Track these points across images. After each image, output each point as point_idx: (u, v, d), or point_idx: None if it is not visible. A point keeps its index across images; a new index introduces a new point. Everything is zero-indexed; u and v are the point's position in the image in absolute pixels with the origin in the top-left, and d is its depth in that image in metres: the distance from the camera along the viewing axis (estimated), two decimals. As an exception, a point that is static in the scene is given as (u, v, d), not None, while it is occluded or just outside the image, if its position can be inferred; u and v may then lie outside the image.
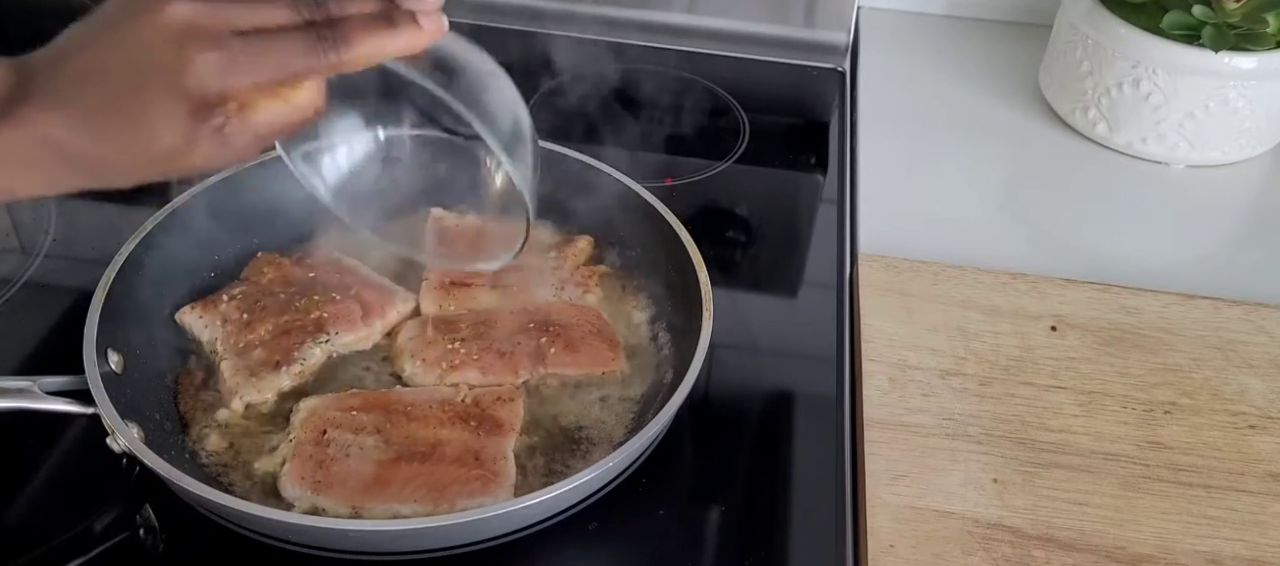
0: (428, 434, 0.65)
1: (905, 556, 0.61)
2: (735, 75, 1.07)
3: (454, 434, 0.65)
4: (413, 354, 0.71)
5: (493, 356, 0.71)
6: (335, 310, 0.73)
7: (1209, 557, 0.62)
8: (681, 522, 0.64)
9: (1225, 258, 0.89)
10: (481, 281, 0.77)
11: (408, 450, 0.64)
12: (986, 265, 0.82)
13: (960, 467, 0.67)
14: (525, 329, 0.73)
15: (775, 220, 0.92)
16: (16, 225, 0.83)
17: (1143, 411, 0.72)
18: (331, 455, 0.64)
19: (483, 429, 0.66)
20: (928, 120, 1.04)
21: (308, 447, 0.64)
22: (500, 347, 0.71)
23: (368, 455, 0.64)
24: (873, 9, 1.19)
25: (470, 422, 0.66)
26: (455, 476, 0.63)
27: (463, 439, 0.65)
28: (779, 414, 0.72)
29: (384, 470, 0.63)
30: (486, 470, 0.63)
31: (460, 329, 0.73)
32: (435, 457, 0.64)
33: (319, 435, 0.65)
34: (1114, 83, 0.96)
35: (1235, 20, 0.88)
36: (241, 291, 0.74)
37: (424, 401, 0.68)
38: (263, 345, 0.71)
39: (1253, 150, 0.98)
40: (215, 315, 0.73)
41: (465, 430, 0.66)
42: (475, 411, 0.67)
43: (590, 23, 1.11)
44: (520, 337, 0.72)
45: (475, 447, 0.65)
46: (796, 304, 0.83)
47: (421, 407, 0.67)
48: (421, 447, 0.65)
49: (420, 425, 0.66)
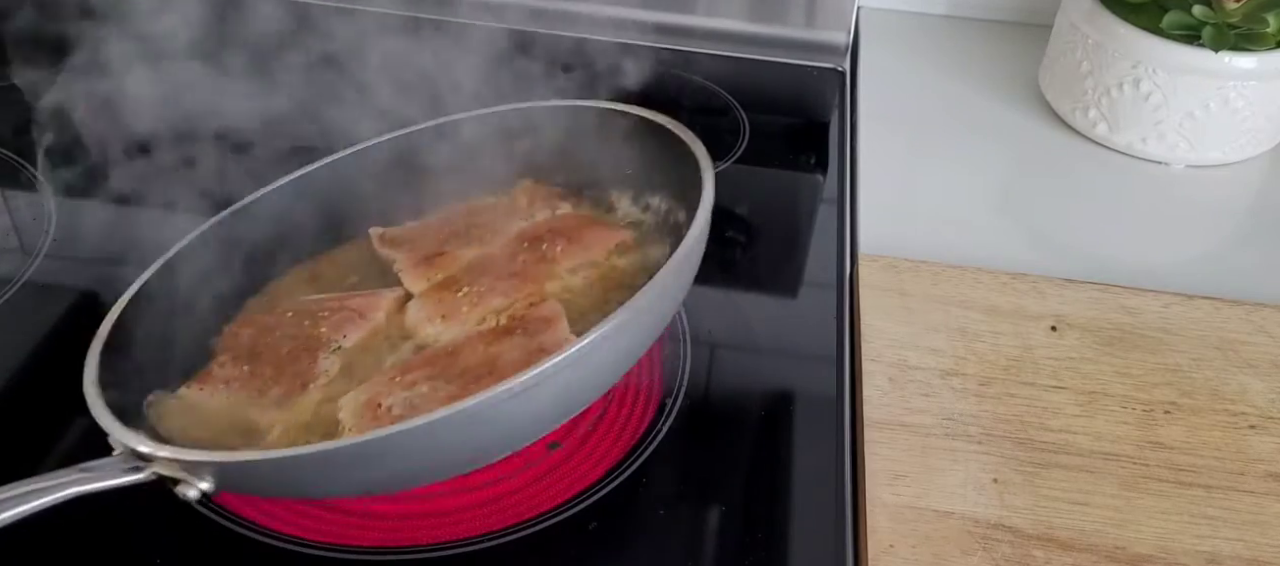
0: (481, 357, 0.63)
1: (905, 556, 0.61)
2: (735, 75, 1.07)
3: (507, 344, 0.63)
4: (431, 318, 0.69)
5: (507, 280, 0.70)
6: (333, 320, 0.71)
7: (1209, 557, 0.62)
8: (681, 522, 0.64)
9: (1225, 258, 0.89)
10: (456, 245, 0.76)
11: (469, 376, 0.61)
12: (987, 265, 0.82)
13: (960, 467, 0.67)
14: (521, 249, 0.73)
15: (775, 220, 0.92)
16: (16, 225, 0.83)
17: (1143, 411, 0.72)
18: (395, 416, 0.60)
19: (531, 329, 0.64)
20: (928, 120, 1.04)
21: (366, 422, 0.61)
22: (510, 271, 0.70)
23: (431, 399, 0.61)
24: (873, 9, 1.19)
25: (516, 333, 0.64)
26: (531, 365, 0.59)
27: (519, 343, 0.63)
28: (778, 414, 0.72)
29: (456, 395, 0.59)
30: (558, 351, 0.59)
31: (461, 282, 0.72)
32: (501, 365, 0.61)
33: (374, 411, 0.61)
34: (1114, 83, 0.96)
35: (1235, 20, 0.88)
36: (228, 357, 0.70)
37: (462, 340, 0.65)
38: (278, 380, 0.67)
39: (1253, 150, 0.98)
40: (215, 385, 0.68)
41: (516, 338, 0.63)
42: (518, 324, 0.65)
43: (589, 22, 1.11)
44: (522, 257, 0.72)
45: (536, 345, 0.62)
46: (796, 304, 0.83)
47: (462, 345, 0.65)
48: (480, 369, 0.62)
49: (469, 355, 0.63)
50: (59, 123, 0.77)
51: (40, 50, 0.90)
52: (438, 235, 0.78)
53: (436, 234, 0.78)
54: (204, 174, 0.78)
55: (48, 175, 0.87)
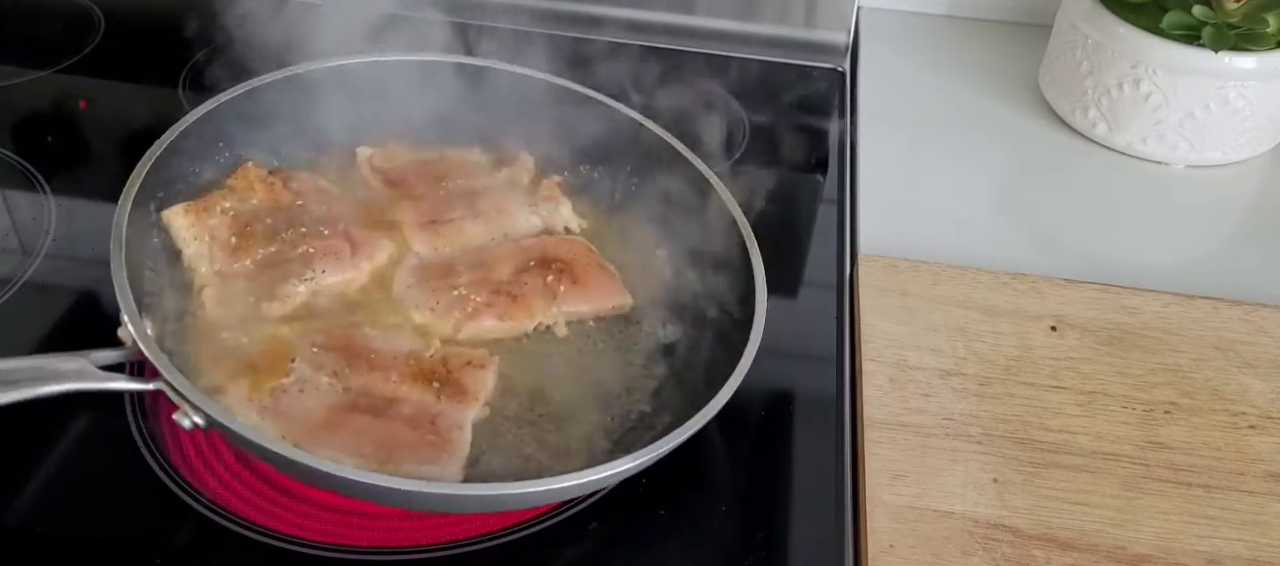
0: (386, 388, 0.63)
1: (905, 556, 0.61)
2: (735, 75, 1.07)
3: (413, 392, 0.63)
4: (420, 304, 0.69)
5: (505, 300, 0.69)
6: (323, 245, 0.71)
7: (1209, 557, 0.62)
8: (681, 522, 0.64)
9: (1225, 257, 0.89)
10: (461, 213, 0.76)
11: (361, 400, 0.62)
12: (986, 265, 0.82)
13: (960, 467, 0.67)
14: (527, 267, 0.72)
15: (775, 220, 0.91)
16: (16, 225, 0.83)
17: (1143, 411, 0.72)
18: (285, 385, 0.62)
19: (445, 393, 0.63)
20: (928, 120, 1.04)
21: (265, 373, 0.62)
22: (510, 290, 0.70)
23: (321, 396, 0.62)
24: (873, 9, 1.19)
25: (433, 383, 0.64)
26: (405, 438, 0.60)
27: (421, 400, 0.63)
28: (779, 413, 0.72)
29: (334, 415, 0.61)
30: (439, 437, 0.61)
31: (459, 272, 0.71)
32: (389, 414, 0.61)
33: (276, 359, 0.63)
34: (1114, 83, 0.96)
35: (1235, 20, 0.88)
36: (231, 207, 0.72)
37: (389, 351, 0.65)
38: (247, 277, 0.68)
39: (1253, 150, 0.98)
40: (204, 227, 0.70)
41: (427, 391, 0.63)
42: (441, 371, 0.64)
43: (590, 23, 1.11)
44: (526, 277, 0.71)
45: (432, 412, 0.62)
46: (796, 304, 0.83)
47: (385, 357, 0.64)
48: (376, 401, 0.62)
49: (381, 377, 0.63)
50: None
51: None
52: (437, 190, 0.77)
53: (434, 184, 0.78)
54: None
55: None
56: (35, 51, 1.02)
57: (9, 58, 1.01)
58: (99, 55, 1.03)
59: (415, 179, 0.78)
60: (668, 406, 0.67)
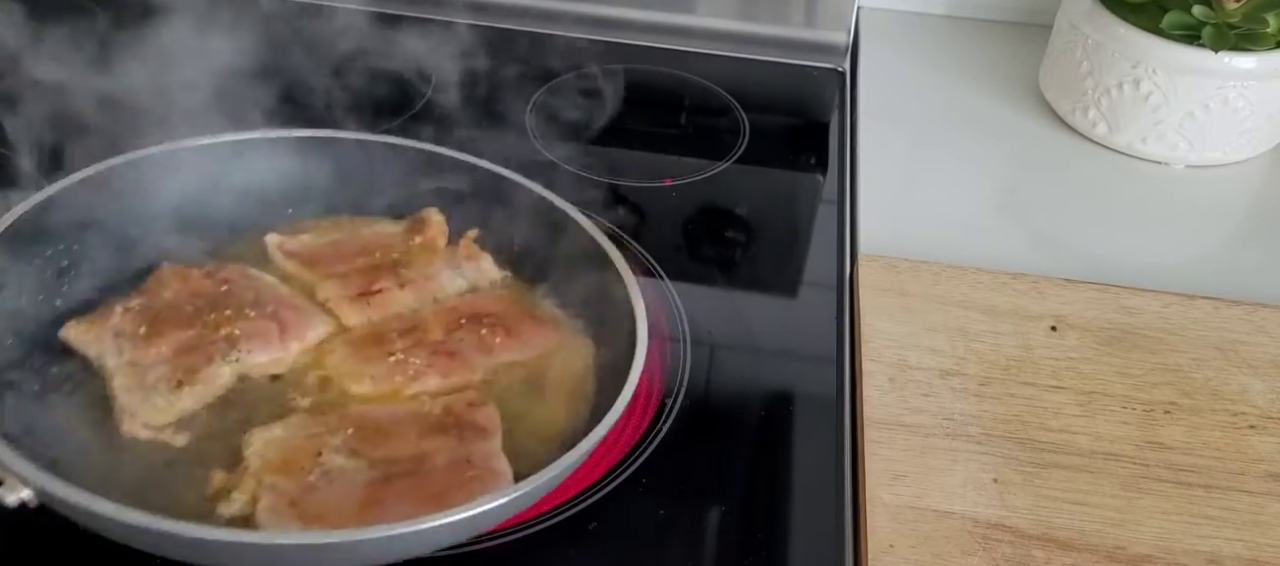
0: (410, 449, 0.62)
1: (905, 556, 0.61)
2: (735, 75, 1.07)
3: (438, 443, 0.63)
4: (360, 374, 0.67)
5: (444, 359, 0.68)
6: (249, 327, 0.67)
7: (1209, 558, 0.62)
8: (681, 523, 0.64)
9: (1225, 258, 0.89)
10: (389, 284, 0.74)
11: (393, 468, 0.61)
12: (986, 265, 0.82)
13: (960, 467, 0.67)
14: (458, 326, 0.71)
15: (775, 220, 0.92)
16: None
17: (1143, 411, 0.72)
18: (312, 483, 0.59)
19: (466, 435, 0.63)
20: (928, 120, 1.04)
21: (279, 480, 0.59)
22: (448, 348, 0.69)
23: (351, 478, 0.60)
24: (873, 9, 1.19)
25: (450, 432, 0.64)
26: (452, 482, 0.60)
27: (449, 446, 0.63)
28: (778, 414, 0.72)
29: (374, 490, 0.60)
30: (483, 470, 0.61)
31: (392, 339, 0.69)
32: (425, 470, 0.61)
33: (286, 464, 0.60)
34: (1114, 83, 0.96)
35: (1235, 20, 0.88)
36: (139, 304, 0.68)
37: (392, 419, 0.64)
38: (164, 363, 0.64)
39: (1253, 150, 0.98)
40: (104, 329, 0.66)
41: (449, 438, 0.63)
42: (451, 420, 0.64)
43: (589, 22, 1.11)
44: (460, 334, 0.70)
45: (464, 453, 0.62)
46: (796, 304, 0.83)
47: (393, 425, 0.64)
48: (406, 464, 0.61)
49: (399, 442, 0.63)
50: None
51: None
52: (356, 265, 0.75)
53: (352, 260, 0.75)
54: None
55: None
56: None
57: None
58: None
59: (333, 257, 0.76)
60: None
